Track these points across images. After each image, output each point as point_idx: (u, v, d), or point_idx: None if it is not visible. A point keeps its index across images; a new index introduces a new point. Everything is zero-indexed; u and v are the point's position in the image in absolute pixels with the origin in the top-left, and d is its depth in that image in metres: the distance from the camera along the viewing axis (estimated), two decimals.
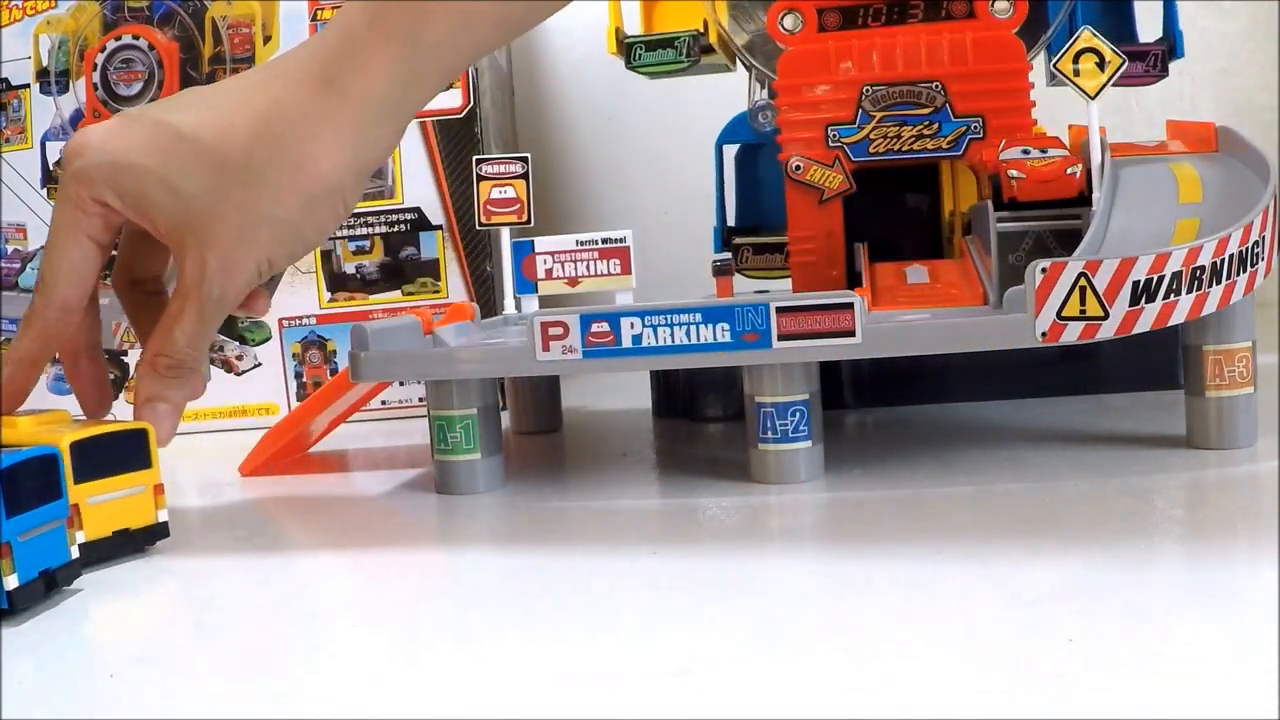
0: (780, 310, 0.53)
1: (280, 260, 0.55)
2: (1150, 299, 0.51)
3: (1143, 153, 0.64)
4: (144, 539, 0.52)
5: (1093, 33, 0.58)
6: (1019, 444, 0.61)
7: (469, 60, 0.58)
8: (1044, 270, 0.51)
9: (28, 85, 0.89)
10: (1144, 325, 0.52)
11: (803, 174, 0.67)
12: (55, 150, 0.87)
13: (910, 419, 0.70)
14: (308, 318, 0.88)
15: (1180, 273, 0.51)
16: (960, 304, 0.61)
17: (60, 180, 0.54)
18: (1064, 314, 0.52)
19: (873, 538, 0.48)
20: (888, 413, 0.73)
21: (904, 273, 0.66)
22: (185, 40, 0.88)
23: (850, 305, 0.53)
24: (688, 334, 0.55)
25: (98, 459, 0.49)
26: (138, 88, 0.88)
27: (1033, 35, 0.69)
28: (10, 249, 0.89)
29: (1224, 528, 0.46)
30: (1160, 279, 0.51)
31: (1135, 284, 0.51)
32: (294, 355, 0.88)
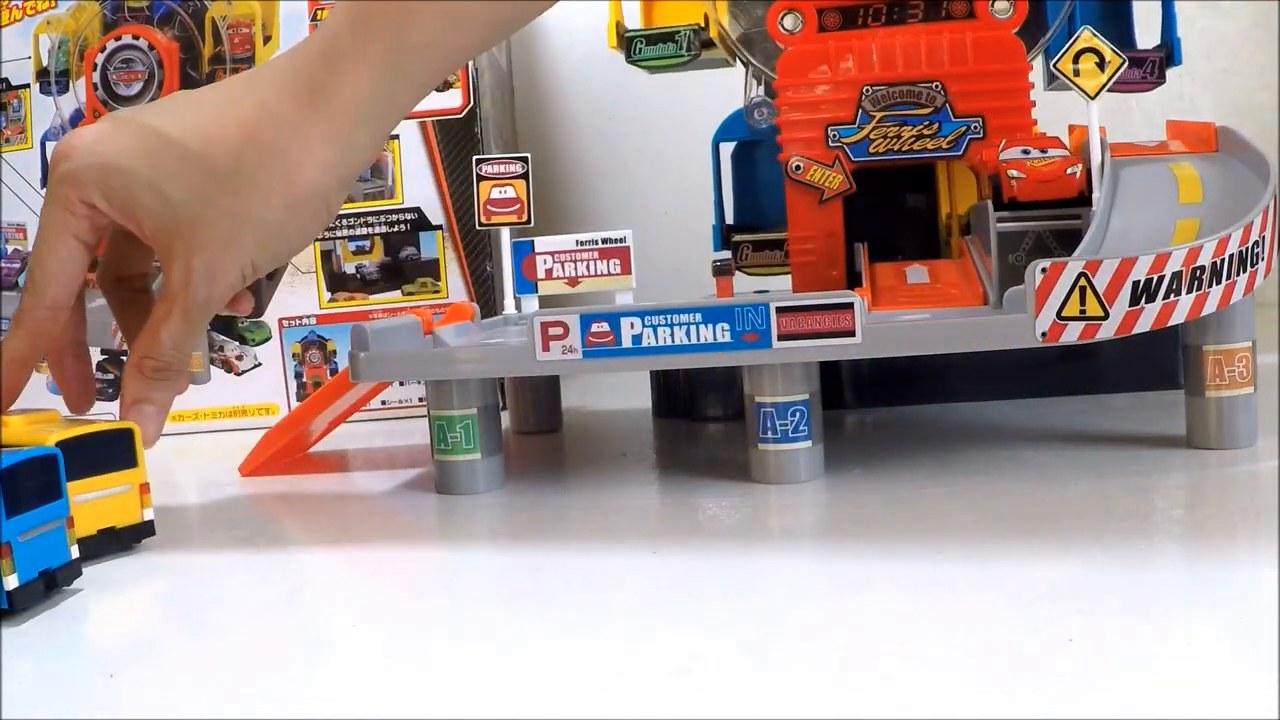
0: (780, 310, 0.53)
1: (264, 264, 0.55)
2: (1150, 299, 0.51)
3: (1143, 153, 0.64)
4: (130, 537, 0.52)
5: (1093, 33, 0.58)
6: (1019, 444, 0.61)
7: (458, 62, 0.58)
8: (1044, 270, 0.51)
9: (28, 85, 0.89)
10: (1144, 325, 0.52)
11: (803, 174, 0.67)
12: None
13: (910, 419, 0.70)
14: (308, 318, 0.88)
15: (1180, 273, 0.51)
16: (960, 304, 0.61)
17: (48, 182, 0.54)
18: (1064, 314, 0.52)
19: (873, 538, 0.48)
20: (888, 413, 0.73)
21: (904, 273, 0.66)
22: (185, 40, 0.88)
23: (850, 305, 0.53)
24: (688, 334, 0.55)
25: (84, 458, 0.50)
26: (138, 88, 0.88)
27: (1031, 38, 0.69)
28: (10, 249, 0.89)
29: (1224, 528, 0.46)
30: (1160, 279, 0.51)
31: (1135, 284, 0.51)
32: (294, 355, 0.88)
